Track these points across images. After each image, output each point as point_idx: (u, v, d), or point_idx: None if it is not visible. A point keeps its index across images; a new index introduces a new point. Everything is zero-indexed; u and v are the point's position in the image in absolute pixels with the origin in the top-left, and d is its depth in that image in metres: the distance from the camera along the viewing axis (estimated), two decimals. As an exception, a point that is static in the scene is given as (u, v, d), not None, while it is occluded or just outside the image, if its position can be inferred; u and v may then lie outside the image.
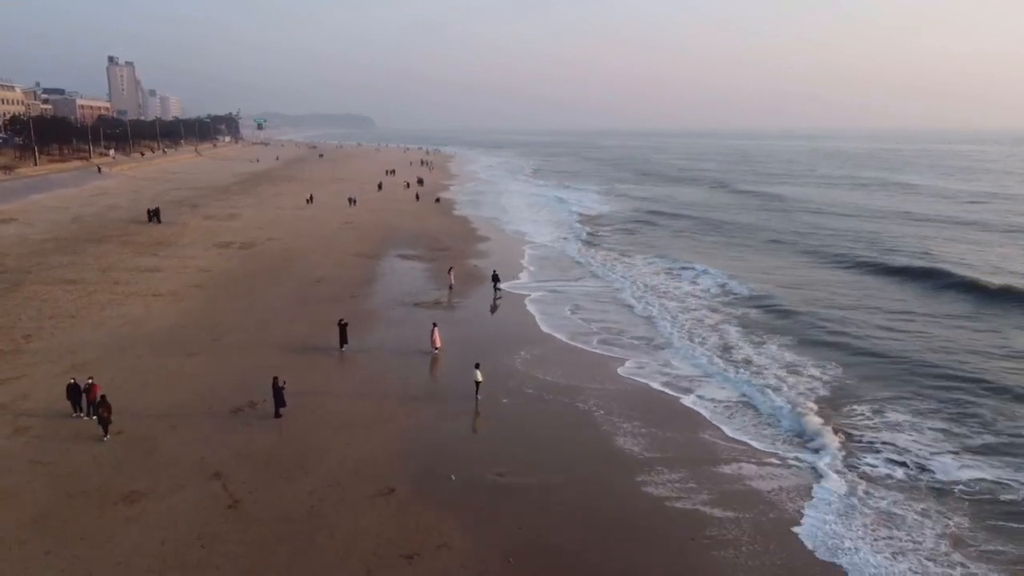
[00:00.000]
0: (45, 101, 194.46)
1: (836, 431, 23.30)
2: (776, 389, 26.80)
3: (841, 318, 36.77)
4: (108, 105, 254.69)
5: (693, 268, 48.96)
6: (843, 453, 21.88)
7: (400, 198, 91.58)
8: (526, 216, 77.81)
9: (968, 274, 45.13)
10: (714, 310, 38.73)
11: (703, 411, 25.26)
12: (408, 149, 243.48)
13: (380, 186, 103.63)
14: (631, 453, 22.02)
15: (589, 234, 65.33)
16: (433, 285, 43.71)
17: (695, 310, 38.62)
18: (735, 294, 42.03)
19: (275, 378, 24.01)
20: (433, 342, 31.04)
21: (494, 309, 39.24)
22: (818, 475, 20.52)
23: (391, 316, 36.80)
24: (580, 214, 79.91)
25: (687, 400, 26.29)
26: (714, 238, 64.57)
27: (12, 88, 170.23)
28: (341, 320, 31.54)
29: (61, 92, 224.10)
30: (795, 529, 17.82)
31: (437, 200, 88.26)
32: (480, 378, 26.04)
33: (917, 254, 53.53)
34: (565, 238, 62.86)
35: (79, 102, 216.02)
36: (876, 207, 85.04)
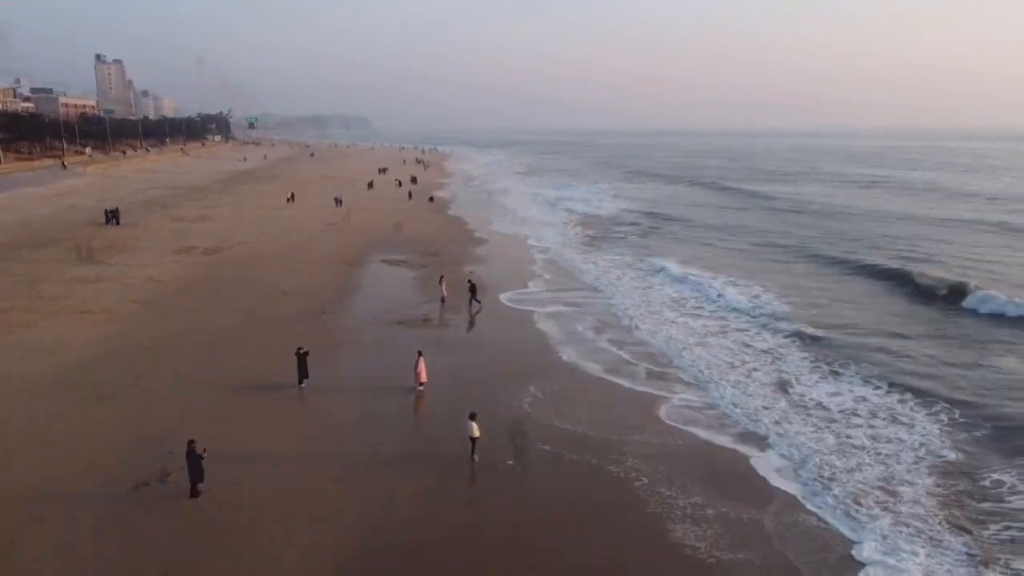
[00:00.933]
0: (27, 99, 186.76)
1: (991, 517, 16.49)
2: (878, 451, 19.90)
3: (927, 356, 28.23)
4: (94, 103, 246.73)
5: (719, 279, 41.45)
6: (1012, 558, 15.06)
7: (391, 197, 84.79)
8: (526, 216, 70.84)
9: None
10: (763, 328, 31.84)
11: (787, 484, 18.33)
12: (403, 148, 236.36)
13: (371, 185, 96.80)
14: (695, 554, 15.23)
15: (597, 238, 58.26)
16: (422, 297, 36.89)
17: (738, 331, 31.65)
18: (776, 313, 34.16)
19: (191, 443, 17.14)
20: (417, 376, 24.29)
21: (471, 324, 32.97)
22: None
23: (368, 338, 29.95)
24: (585, 214, 72.88)
25: (760, 463, 19.40)
26: (731, 243, 56.64)
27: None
28: (300, 348, 24.65)
29: (49, 91, 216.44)
30: None
31: (431, 199, 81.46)
32: (477, 433, 19.31)
33: (977, 267, 45.67)
34: (570, 242, 55.83)
35: (62, 100, 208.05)
36: (905, 210, 76.52)
